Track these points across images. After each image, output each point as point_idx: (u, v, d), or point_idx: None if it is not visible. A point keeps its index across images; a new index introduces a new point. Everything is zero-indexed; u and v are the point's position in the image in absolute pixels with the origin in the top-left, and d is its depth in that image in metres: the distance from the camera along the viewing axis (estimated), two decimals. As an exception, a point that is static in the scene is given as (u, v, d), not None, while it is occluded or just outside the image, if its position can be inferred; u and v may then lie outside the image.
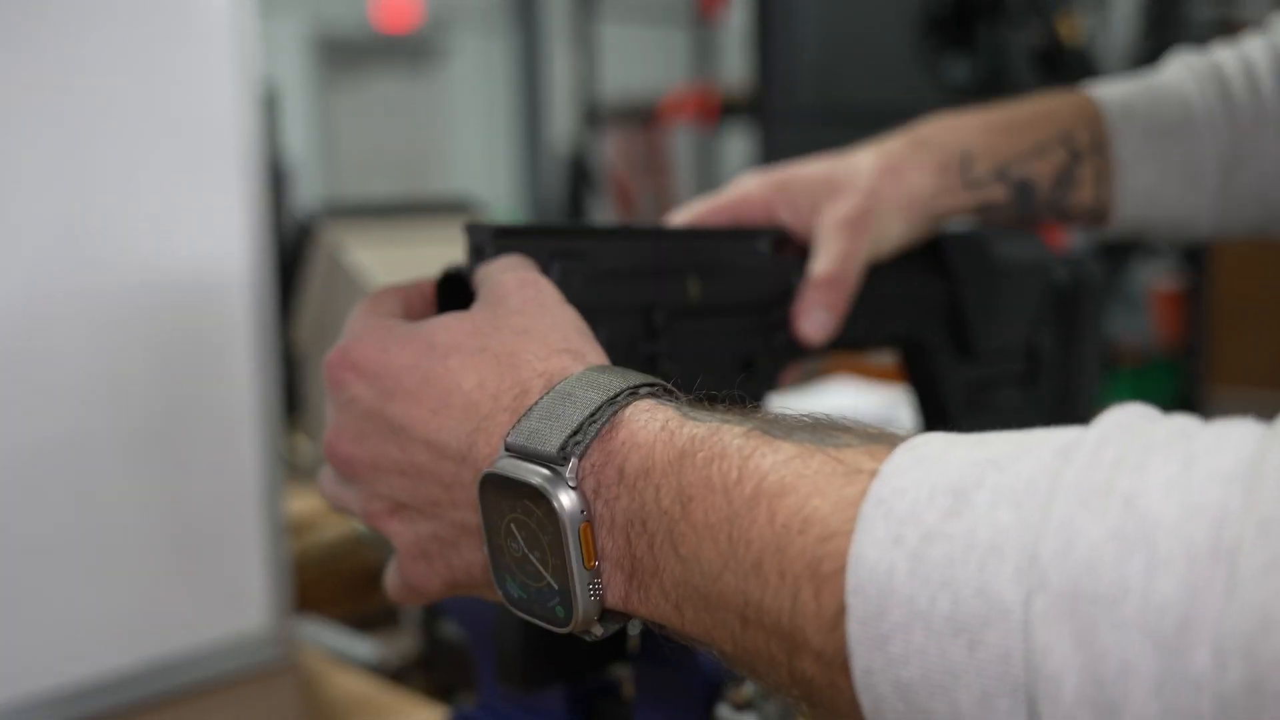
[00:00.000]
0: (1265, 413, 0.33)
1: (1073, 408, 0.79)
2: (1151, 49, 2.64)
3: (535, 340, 0.44)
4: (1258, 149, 0.70)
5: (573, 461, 0.39)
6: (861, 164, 0.67)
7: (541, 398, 0.41)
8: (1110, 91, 0.71)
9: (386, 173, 8.30)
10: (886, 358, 0.77)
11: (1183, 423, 0.32)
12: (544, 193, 7.96)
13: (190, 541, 0.87)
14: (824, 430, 0.37)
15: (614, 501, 0.39)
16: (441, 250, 1.32)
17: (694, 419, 0.40)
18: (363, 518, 0.47)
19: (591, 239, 0.54)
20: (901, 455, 0.34)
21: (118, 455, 0.83)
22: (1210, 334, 2.81)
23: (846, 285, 0.62)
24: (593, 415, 0.40)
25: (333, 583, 1.13)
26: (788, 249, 0.66)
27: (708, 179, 4.80)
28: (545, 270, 0.52)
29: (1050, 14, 1.34)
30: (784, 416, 0.39)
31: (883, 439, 0.36)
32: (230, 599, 0.89)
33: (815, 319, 0.62)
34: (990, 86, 1.41)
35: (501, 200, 7.69)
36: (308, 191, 7.22)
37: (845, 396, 1.98)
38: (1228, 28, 2.77)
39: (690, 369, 0.59)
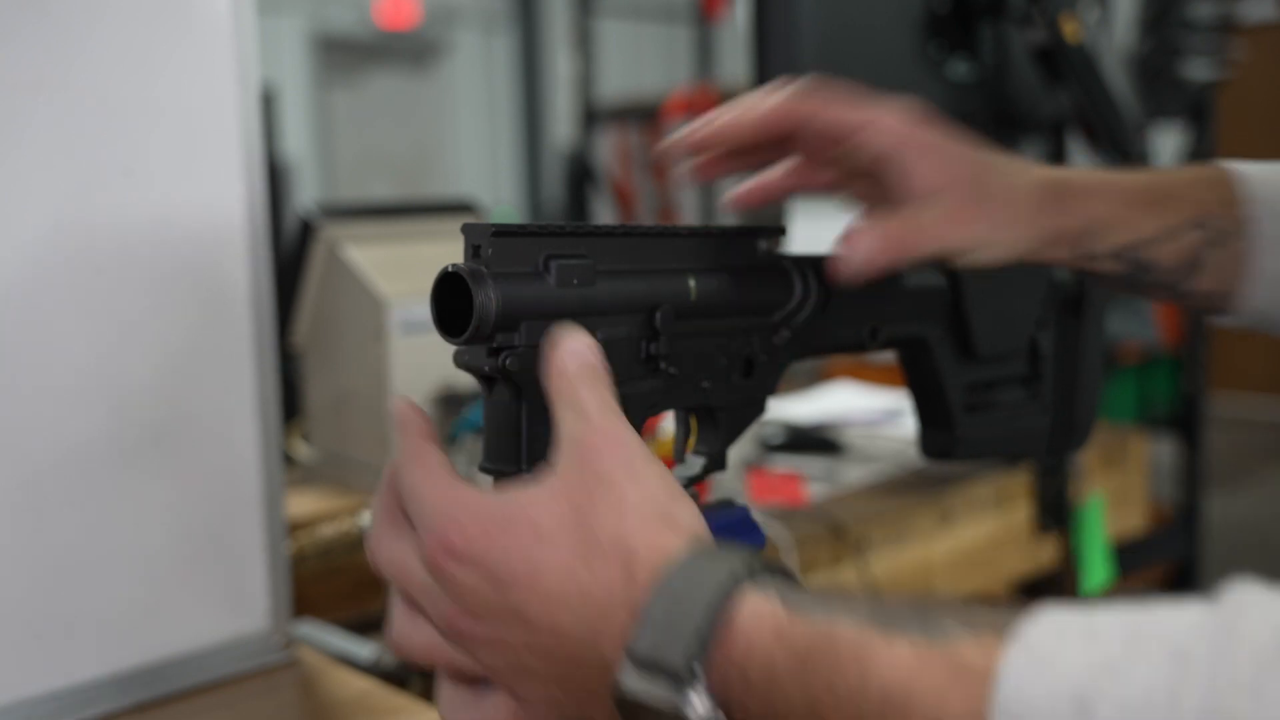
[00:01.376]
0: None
1: (1074, 409, 0.78)
2: (1152, 48, 2.64)
3: (633, 515, 0.46)
4: None
5: (701, 676, 0.41)
6: (1017, 178, 0.63)
7: (654, 599, 0.43)
8: (1255, 170, 0.67)
9: (386, 171, 8.30)
10: (887, 358, 0.76)
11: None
12: (546, 193, 7.96)
13: (190, 543, 0.87)
14: (931, 620, 0.39)
15: (746, 704, 0.42)
16: (441, 250, 1.32)
17: (803, 614, 0.41)
18: (487, 673, 0.48)
19: (591, 239, 0.54)
20: (1016, 655, 0.35)
21: (118, 457, 0.82)
22: (1209, 337, 2.81)
23: (904, 249, 0.59)
24: (709, 621, 0.42)
25: (332, 585, 1.13)
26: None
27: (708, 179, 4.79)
28: (545, 270, 0.52)
29: (1053, 12, 1.34)
30: (887, 603, 0.41)
31: (987, 626, 0.37)
32: (231, 600, 0.89)
33: (865, 248, 0.58)
34: (992, 85, 1.41)
35: (502, 200, 7.68)
36: (307, 189, 7.22)
37: (846, 398, 1.98)
38: (1228, 28, 2.76)
39: (691, 369, 0.58)
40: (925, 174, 0.60)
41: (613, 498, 0.46)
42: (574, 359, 0.49)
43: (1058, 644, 0.35)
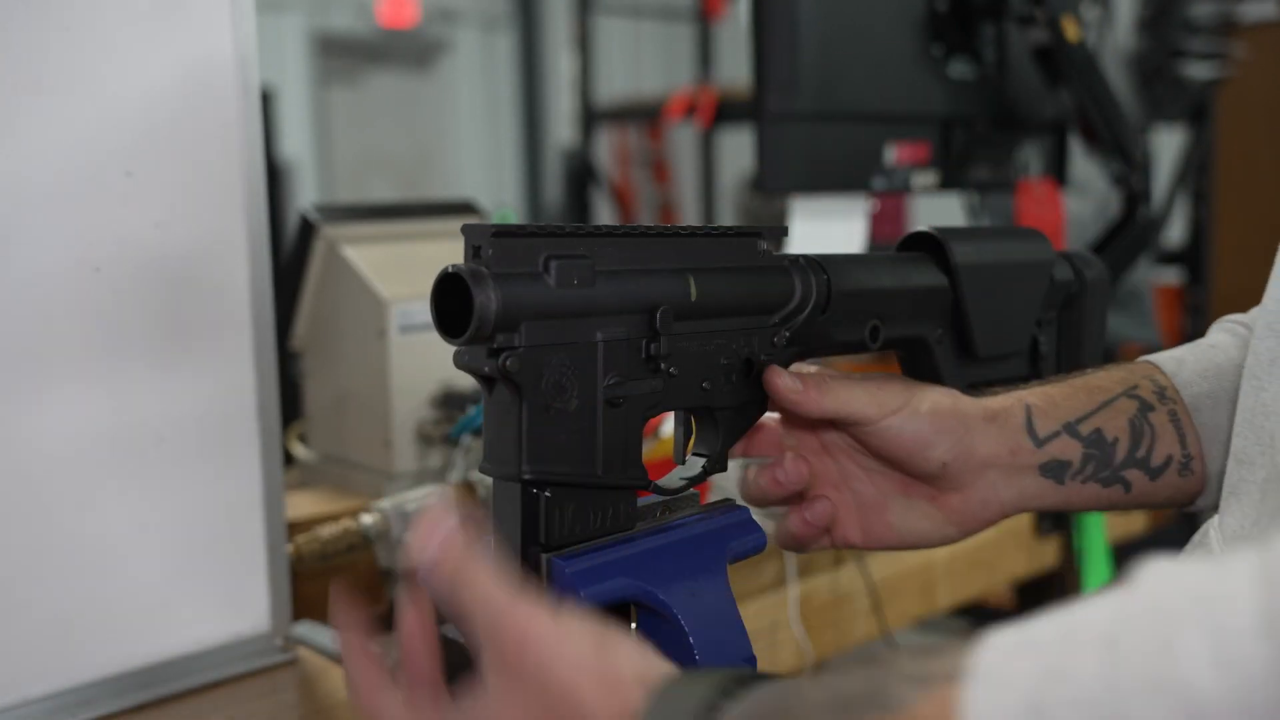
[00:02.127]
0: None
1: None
2: (1152, 49, 2.63)
3: (586, 691, 0.46)
4: None
5: None
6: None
7: None
8: (1159, 356, 0.72)
9: (385, 171, 8.30)
10: (888, 356, 0.76)
11: (1197, 578, 0.35)
12: (546, 193, 7.95)
13: (191, 544, 0.86)
14: (884, 691, 0.39)
15: None
16: (441, 250, 1.32)
17: None
18: None
19: (591, 239, 0.54)
20: (972, 692, 0.36)
21: (119, 458, 0.82)
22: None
23: (812, 407, 0.63)
24: None
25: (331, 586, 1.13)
26: None
27: (709, 179, 4.79)
28: (545, 271, 0.52)
29: (1054, 12, 1.34)
30: (840, 682, 0.41)
31: (939, 676, 0.38)
32: (231, 602, 0.89)
33: (786, 384, 0.62)
34: (993, 85, 1.41)
35: (502, 200, 7.68)
36: (306, 189, 7.22)
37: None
38: (1228, 28, 2.76)
39: (691, 370, 0.58)
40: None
41: (557, 688, 0.46)
42: (442, 549, 0.50)
43: (1005, 665, 0.36)
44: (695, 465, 0.62)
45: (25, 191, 0.77)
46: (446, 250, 1.30)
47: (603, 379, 0.54)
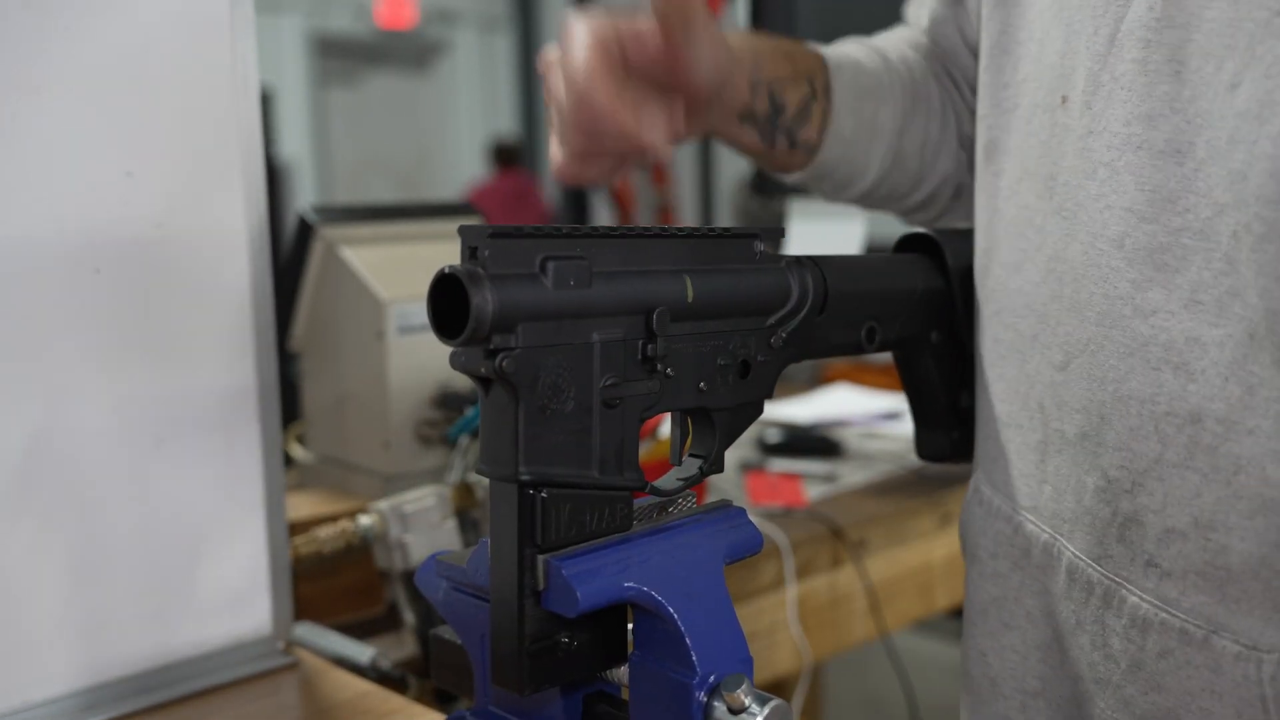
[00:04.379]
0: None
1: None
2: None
3: None
4: (915, 122, 0.84)
5: None
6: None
7: None
8: (832, 51, 0.84)
9: (384, 172, 8.30)
10: (886, 358, 0.76)
11: None
12: (546, 196, 7.95)
13: (192, 547, 0.86)
14: None
15: None
16: (439, 251, 1.32)
17: None
18: None
19: (587, 240, 0.54)
20: None
21: (119, 460, 0.82)
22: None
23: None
24: None
25: (330, 587, 1.13)
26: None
27: (707, 181, 4.79)
28: (542, 272, 0.52)
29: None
30: None
31: None
32: (232, 604, 0.89)
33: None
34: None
35: (501, 201, 7.67)
36: (305, 190, 7.22)
37: (845, 400, 1.98)
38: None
39: (688, 371, 0.58)
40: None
41: None
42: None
43: None
44: (692, 466, 0.62)
45: (25, 192, 0.77)
46: (444, 251, 1.30)
47: (599, 380, 0.54)
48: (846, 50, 0.86)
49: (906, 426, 1.61)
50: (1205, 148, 0.56)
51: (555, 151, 0.71)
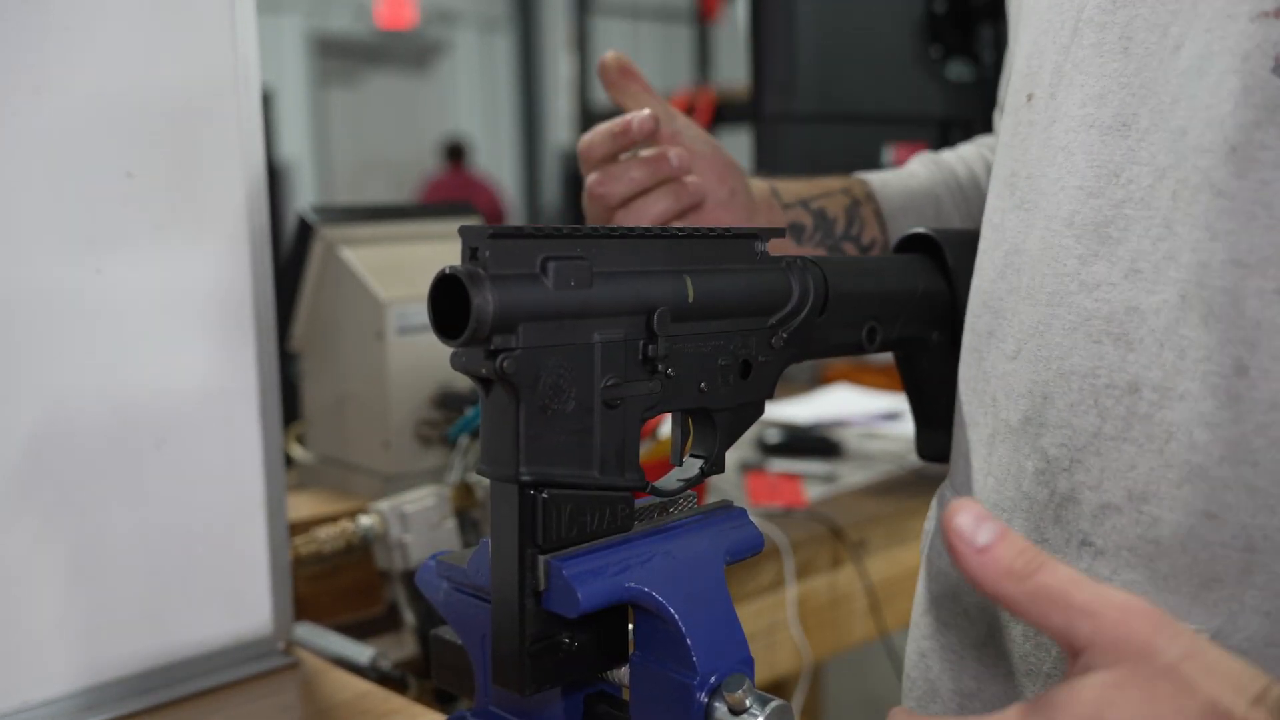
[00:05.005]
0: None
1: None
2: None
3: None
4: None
5: None
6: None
7: None
8: (867, 174, 0.90)
9: (384, 172, 8.30)
10: (885, 358, 0.77)
11: None
12: (544, 195, 7.95)
13: (192, 548, 0.86)
14: None
15: None
16: (439, 252, 1.32)
17: None
18: None
19: (588, 241, 0.54)
20: None
21: (119, 460, 0.82)
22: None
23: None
24: None
25: (329, 587, 1.13)
26: None
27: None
28: (542, 272, 0.52)
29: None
30: None
31: None
32: (232, 605, 0.89)
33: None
34: (992, 86, 1.41)
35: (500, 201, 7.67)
36: (304, 190, 7.22)
37: (845, 400, 1.98)
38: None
39: (688, 371, 0.58)
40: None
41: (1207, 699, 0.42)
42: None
43: None
44: (693, 467, 0.62)
45: (26, 192, 0.77)
46: (444, 252, 1.30)
47: (600, 380, 0.54)
48: (894, 173, 0.91)
49: (906, 427, 1.61)
50: (1149, 116, 0.57)
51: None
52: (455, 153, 6.95)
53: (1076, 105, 0.61)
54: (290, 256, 1.30)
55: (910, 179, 0.90)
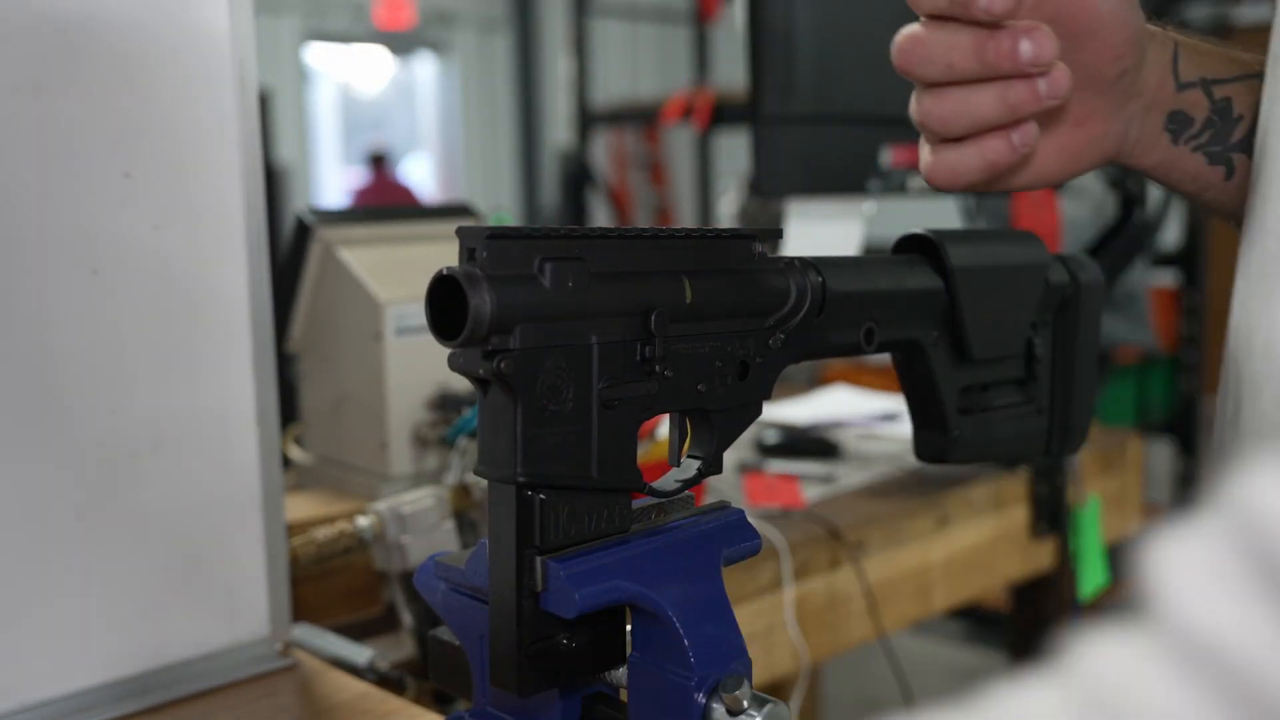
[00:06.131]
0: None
1: (1070, 411, 0.78)
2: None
3: None
4: None
5: None
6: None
7: None
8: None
9: (384, 174, 8.28)
10: (883, 359, 0.76)
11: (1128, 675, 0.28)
12: (542, 196, 7.95)
13: (190, 549, 0.86)
14: None
15: None
16: (436, 252, 1.32)
17: None
18: None
19: (585, 241, 0.54)
20: None
21: (117, 462, 0.82)
22: (1206, 340, 2.81)
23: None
24: None
25: (327, 588, 1.13)
26: None
27: (705, 181, 4.80)
28: (540, 273, 0.52)
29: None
30: None
31: None
32: (230, 607, 0.89)
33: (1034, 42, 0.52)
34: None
35: (499, 202, 7.67)
36: (302, 188, 7.22)
37: (843, 401, 1.98)
38: (1224, 30, 2.77)
39: (686, 372, 0.58)
40: None
41: None
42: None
43: None
44: (690, 468, 0.62)
45: (23, 193, 0.77)
46: (442, 252, 1.30)
47: (598, 381, 0.54)
48: None
49: (904, 428, 1.61)
50: None
51: (923, 153, 0.58)
52: (377, 160, 7.45)
53: None
54: (288, 257, 1.30)
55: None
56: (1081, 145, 0.57)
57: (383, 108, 8.78)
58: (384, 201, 6.89)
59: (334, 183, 8.28)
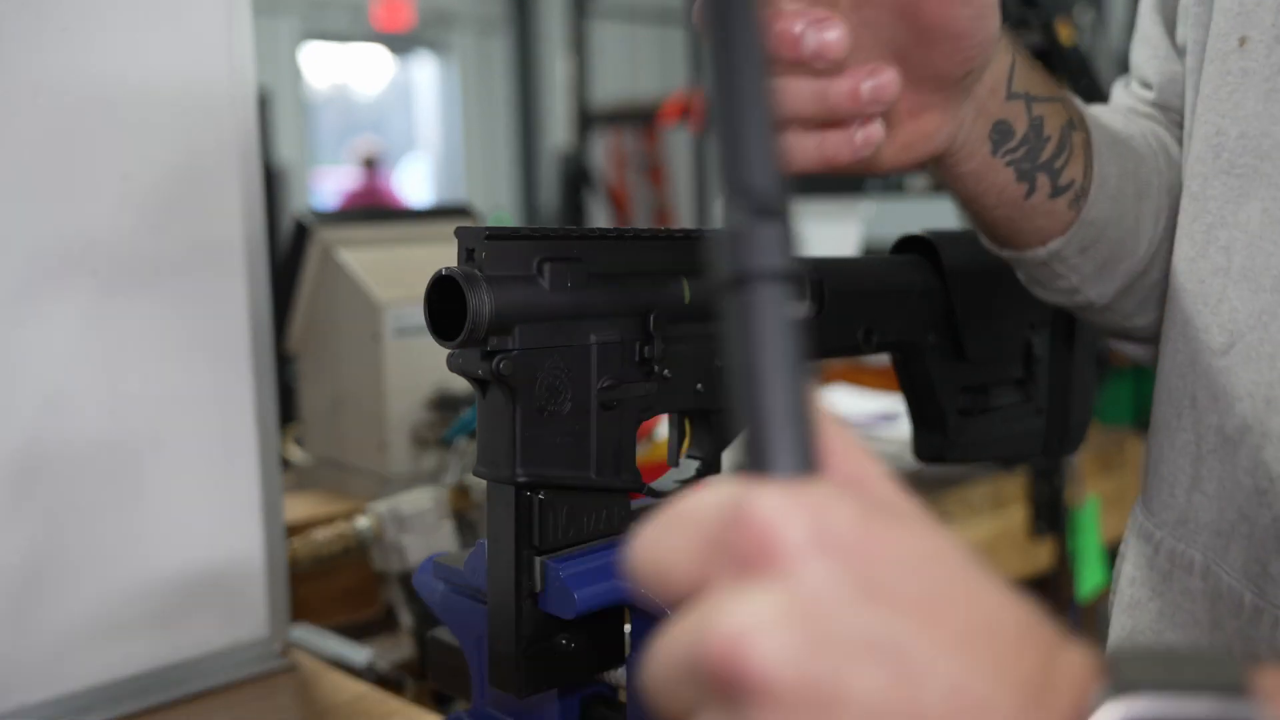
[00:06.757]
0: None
1: (1069, 411, 0.78)
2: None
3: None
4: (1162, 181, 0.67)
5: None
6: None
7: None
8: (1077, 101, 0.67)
9: (382, 175, 8.28)
10: (882, 360, 0.76)
11: None
12: (541, 196, 7.94)
13: (189, 550, 0.86)
14: None
15: None
16: (435, 253, 1.32)
17: None
18: None
19: (583, 242, 0.54)
20: None
21: (116, 463, 0.82)
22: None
23: None
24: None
25: (326, 589, 1.13)
26: None
27: (704, 182, 4.80)
28: (538, 274, 0.52)
29: (1048, 16, 1.34)
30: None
31: None
32: (229, 608, 0.89)
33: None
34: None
35: (497, 203, 7.67)
36: (301, 189, 7.22)
37: (842, 401, 1.98)
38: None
39: (685, 372, 0.58)
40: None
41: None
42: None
43: None
44: (689, 468, 0.62)
45: (23, 194, 0.77)
46: (441, 253, 1.30)
47: (596, 381, 0.54)
48: (1099, 108, 0.70)
49: (903, 428, 1.61)
50: None
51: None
52: (367, 161, 7.57)
53: None
54: (287, 258, 1.30)
55: (1108, 116, 0.68)
56: (913, 137, 0.57)
57: (381, 108, 8.78)
58: (371, 205, 7.10)
59: (333, 183, 8.30)
